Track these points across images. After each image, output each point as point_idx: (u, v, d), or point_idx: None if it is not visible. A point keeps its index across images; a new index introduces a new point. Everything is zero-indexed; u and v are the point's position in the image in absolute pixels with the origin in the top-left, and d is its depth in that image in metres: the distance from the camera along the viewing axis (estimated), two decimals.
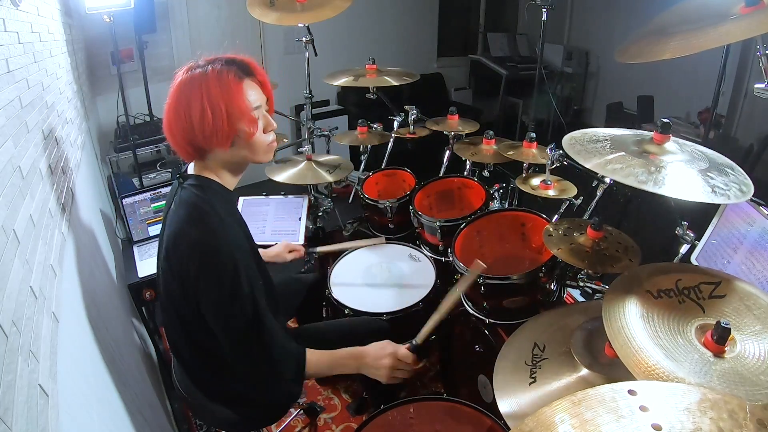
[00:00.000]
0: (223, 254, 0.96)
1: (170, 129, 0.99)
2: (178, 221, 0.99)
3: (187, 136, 0.97)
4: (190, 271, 0.96)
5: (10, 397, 0.57)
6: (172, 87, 0.98)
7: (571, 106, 5.02)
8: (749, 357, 0.78)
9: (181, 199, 1.02)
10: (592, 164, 1.05)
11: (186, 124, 0.95)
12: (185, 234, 0.97)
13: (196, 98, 0.94)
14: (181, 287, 1.00)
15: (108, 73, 3.14)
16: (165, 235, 1.03)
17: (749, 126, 3.68)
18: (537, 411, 0.51)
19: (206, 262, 0.95)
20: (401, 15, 4.62)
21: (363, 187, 2.14)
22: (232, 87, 0.96)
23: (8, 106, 0.93)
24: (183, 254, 0.97)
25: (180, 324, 1.08)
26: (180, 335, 1.13)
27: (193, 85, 0.95)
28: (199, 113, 0.94)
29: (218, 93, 0.94)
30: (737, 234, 1.22)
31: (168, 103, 0.98)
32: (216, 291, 0.96)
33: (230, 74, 0.96)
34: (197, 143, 0.99)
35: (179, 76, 0.98)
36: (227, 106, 0.95)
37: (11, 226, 0.75)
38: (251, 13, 2.13)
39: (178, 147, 1.01)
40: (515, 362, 1.07)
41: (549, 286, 1.47)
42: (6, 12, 1.10)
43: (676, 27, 1.14)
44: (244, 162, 1.08)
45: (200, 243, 0.95)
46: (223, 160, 1.05)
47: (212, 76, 0.95)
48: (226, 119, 0.95)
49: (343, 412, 1.83)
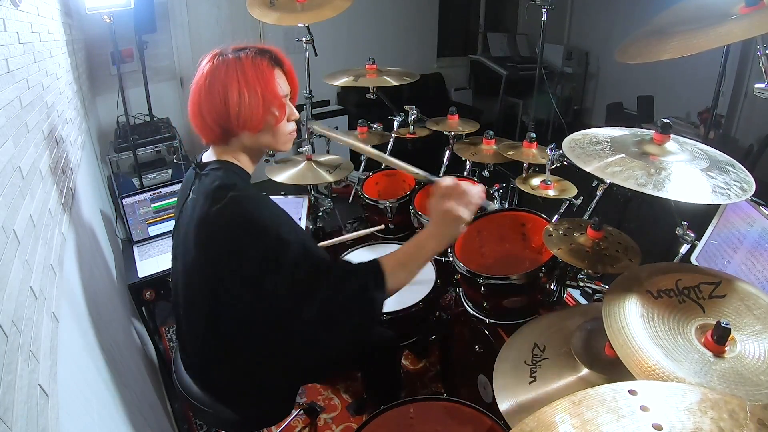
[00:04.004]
0: (260, 218, 0.93)
1: (200, 111, 0.99)
2: (204, 205, 0.96)
3: (219, 118, 0.98)
4: (232, 245, 0.92)
5: (10, 397, 0.57)
6: (201, 72, 0.99)
7: (571, 106, 5.03)
8: (749, 357, 0.78)
9: (202, 184, 1.01)
10: (592, 168, 1.04)
11: (221, 107, 0.97)
12: (218, 212, 0.93)
13: (233, 81, 0.96)
14: (213, 271, 0.97)
15: (108, 73, 3.15)
16: (189, 222, 1.01)
17: (749, 126, 3.69)
18: (537, 411, 0.51)
19: (248, 231, 0.92)
20: (401, 15, 4.62)
21: (363, 187, 2.15)
22: (267, 73, 0.99)
23: (8, 106, 0.93)
24: (220, 232, 0.94)
25: (196, 317, 1.07)
26: (193, 329, 1.12)
27: (228, 69, 0.96)
28: (236, 96, 0.96)
29: (255, 77, 0.97)
30: (737, 234, 1.22)
31: (198, 86, 0.98)
32: (266, 251, 0.92)
33: (264, 61, 0.99)
34: (228, 126, 0.99)
35: (207, 62, 0.99)
36: (263, 90, 0.98)
37: (11, 226, 0.75)
38: (251, 13, 2.13)
39: (206, 128, 1.01)
40: (515, 362, 1.07)
41: (549, 286, 1.47)
42: (6, 12, 1.10)
43: (676, 27, 1.14)
44: (265, 149, 1.10)
45: (234, 214, 0.93)
46: (246, 145, 1.05)
47: (247, 62, 0.97)
48: (261, 103, 0.98)
49: (343, 412, 1.83)
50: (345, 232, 2.37)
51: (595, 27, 4.87)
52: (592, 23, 4.92)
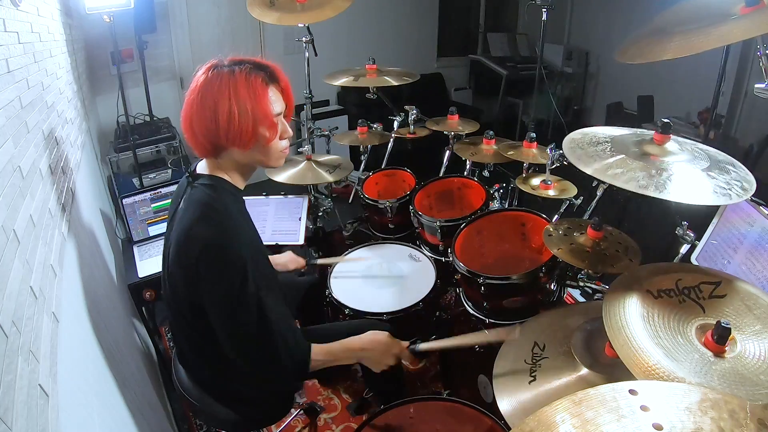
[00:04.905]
0: (234, 254, 0.96)
1: (191, 124, 0.99)
2: (190, 220, 0.98)
3: (209, 133, 0.97)
4: (200, 269, 0.95)
5: (10, 397, 0.57)
6: (195, 83, 0.97)
7: (571, 106, 5.02)
8: (749, 357, 0.78)
9: (192, 198, 1.01)
10: (592, 169, 1.04)
11: (210, 122, 0.96)
12: (198, 233, 0.96)
13: (224, 98, 0.95)
14: (188, 286, 1.00)
15: (108, 73, 3.15)
16: (174, 233, 1.02)
17: (749, 126, 3.68)
18: (538, 411, 0.51)
19: (217, 261, 0.95)
20: (401, 15, 4.62)
21: (363, 187, 2.15)
22: (259, 91, 0.97)
23: (8, 106, 0.92)
24: (194, 253, 0.96)
25: (185, 323, 1.08)
26: (184, 334, 1.13)
27: (221, 84, 0.95)
28: (227, 113, 0.95)
29: (246, 95, 0.96)
30: (737, 234, 1.22)
31: (191, 99, 0.98)
32: (223, 291, 0.96)
33: (258, 79, 0.98)
34: (218, 141, 0.99)
35: (202, 74, 0.98)
36: (253, 109, 0.96)
37: (11, 226, 0.75)
38: (251, 13, 2.13)
39: (196, 142, 1.01)
40: (515, 361, 1.07)
41: (549, 286, 1.47)
42: (6, 12, 1.10)
43: (676, 27, 1.14)
44: (256, 165, 1.09)
45: (212, 243, 0.95)
46: (236, 160, 1.05)
47: (240, 78, 0.96)
48: (251, 122, 0.97)
49: (343, 412, 1.83)
50: (345, 232, 2.37)
51: (595, 27, 4.86)
52: (592, 23, 4.91)
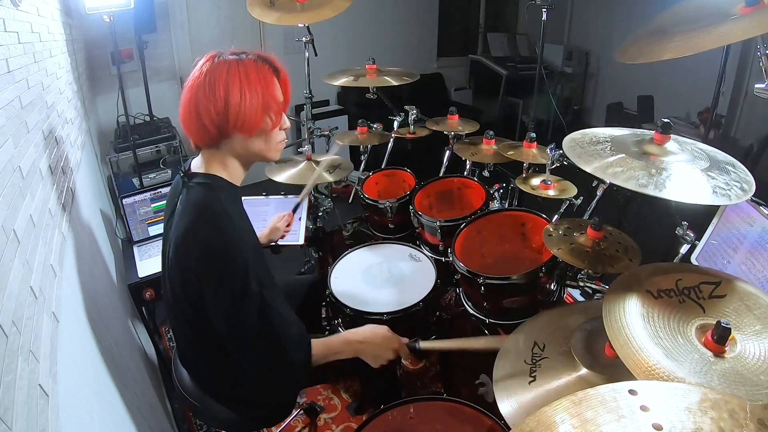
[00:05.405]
0: (235, 255, 0.95)
1: (196, 109, 0.97)
2: (189, 222, 0.97)
3: (216, 117, 0.96)
4: (201, 271, 0.95)
5: (10, 397, 0.57)
6: (199, 71, 0.97)
7: (571, 106, 5.02)
8: (749, 357, 0.78)
9: (189, 199, 1.01)
10: (592, 168, 1.04)
11: (221, 105, 0.95)
12: (196, 235, 0.96)
13: (235, 81, 0.95)
14: (189, 287, 0.99)
15: (108, 73, 3.15)
16: (173, 236, 1.01)
17: (749, 126, 3.68)
18: (538, 411, 0.51)
19: (218, 263, 0.95)
20: (401, 15, 4.62)
21: (363, 187, 2.14)
22: (268, 77, 1.00)
23: (8, 106, 0.93)
24: (194, 255, 0.95)
25: (185, 323, 1.08)
26: (184, 334, 1.13)
27: (230, 70, 0.96)
28: (238, 96, 0.96)
29: (257, 80, 0.97)
30: (737, 234, 1.22)
31: (196, 84, 0.96)
32: (225, 292, 0.95)
33: (265, 66, 1.01)
34: (224, 126, 0.98)
35: (206, 61, 0.98)
36: (264, 94, 0.98)
37: (11, 226, 0.75)
38: (251, 13, 2.13)
39: (200, 129, 0.99)
40: (515, 361, 1.07)
41: (549, 286, 1.47)
42: (6, 12, 1.10)
43: (676, 27, 1.14)
44: (254, 156, 1.09)
45: (212, 245, 0.95)
46: (236, 150, 1.04)
47: (250, 64, 0.98)
48: (261, 106, 0.98)
49: (343, 412, 1.83)
50: (345, 232, 2.37)
51: (595, 27, 4.87)
52: (592, 23, 4.92)
